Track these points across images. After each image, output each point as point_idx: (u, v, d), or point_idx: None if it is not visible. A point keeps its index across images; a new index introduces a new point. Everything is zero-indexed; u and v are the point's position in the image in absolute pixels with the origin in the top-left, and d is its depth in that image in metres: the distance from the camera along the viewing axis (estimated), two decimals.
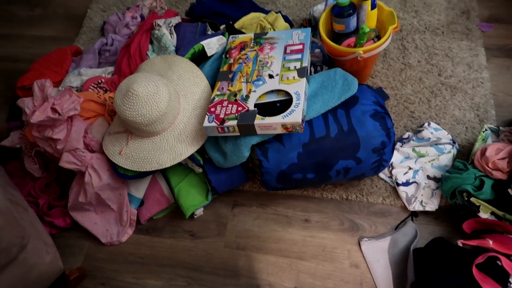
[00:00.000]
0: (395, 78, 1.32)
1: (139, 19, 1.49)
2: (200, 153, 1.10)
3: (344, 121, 1.01)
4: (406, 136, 1.18)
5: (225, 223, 1.16)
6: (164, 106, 1.00)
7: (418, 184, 1.10)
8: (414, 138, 1.16)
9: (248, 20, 1.33)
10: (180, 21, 1.37)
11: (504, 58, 1.33)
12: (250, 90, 1.03)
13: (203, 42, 1.20)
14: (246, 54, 1.13)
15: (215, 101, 1.04)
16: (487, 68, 1.31)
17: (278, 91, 1.02)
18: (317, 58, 1.23)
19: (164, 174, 1.18)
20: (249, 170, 1.11)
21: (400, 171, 1.13)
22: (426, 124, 1.18)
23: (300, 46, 1.10)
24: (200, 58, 1.22)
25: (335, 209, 1.14)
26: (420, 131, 1.15)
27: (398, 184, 1.11)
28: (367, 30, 1.06)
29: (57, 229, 1.19)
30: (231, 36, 1.21)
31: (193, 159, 1.08)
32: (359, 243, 1.08)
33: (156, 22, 1.34)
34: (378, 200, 1.13)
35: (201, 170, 1.11)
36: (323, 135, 1.00)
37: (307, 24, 1.42)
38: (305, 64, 1.05)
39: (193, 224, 1.18)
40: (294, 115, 0.94)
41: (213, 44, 1.21)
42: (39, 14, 1.85)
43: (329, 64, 1.26)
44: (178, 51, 1.23)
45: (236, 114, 0.98)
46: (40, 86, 1.16)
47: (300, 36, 1.14)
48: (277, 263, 1.08)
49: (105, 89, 1.26)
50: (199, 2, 1.37)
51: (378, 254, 1.06)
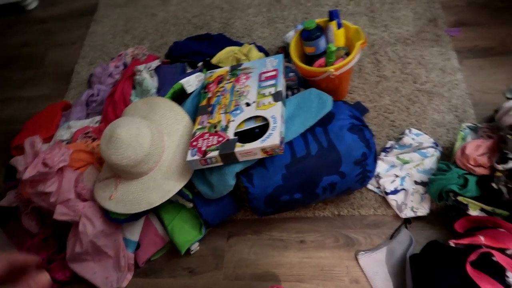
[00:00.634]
0: (372, 91, 1.35)
1: (122, 68, 1.55)
2: (189, 188, 1.12)
3: (323, 138, 1.03)
4: (388, 145, 1.20)
5: (222, 255, 1.17)
6: (147, 146, 1.03)
7: (406, 190, 1.11)
8: (396, 146, 1.17)
9: (224, 54, 1.38)
10: (159, 64, 1.43)
11: (475, 59, 1.37)
12: (229, 120, 1.07)
13: (182, 81, 1.25)
14: (224, 87, 1.18)
15: (197, 135, 1.07)
16: (460, 70, 1.34)
17: (256, 118, 1.05)
18: (292, 81, 1.27)
19: (157, 214, 1.20)
20: (238, 198, 1.13)
21: (387, 180, 1.14)
22: (407, 131, 1.20)
23: (273, 72, 1.15)
24: (182, 96, 1.27)
25: (329, 226, 1.14)
26: (401, 138, 1.17)
27: (387, 193, 1.12)
28: (334, 49, 1.11)
29: (57, 283, 1.20)
30: (209, 71, 1.26)
31: (182, 195, 1.10)
32: (356, 258, 1.07)
33: (137, 68, 1.40)
34: (370, 211, 1.13)
35: (192, 205, 1.13)
36: (304, 154, 1.02)
37: (282, 51, 1.47)
38: (279, 88, 1.08)
39: (190, 260, 1.18)
40: (272, 138, 0.97)
41: (192, 81, 1.26)
42: (31, 75, 1.93)
43: (305, 86, 1.29)
44: (159, 92, 1.28)
45: (217, 145, 1.01)
46: (30, 143, 1.20)
47: (273, 63, 1.18)
48: None
49: (93, 138, 1.30)
50: (177, 44, 1.44)
51: (377, 267, 1.05)
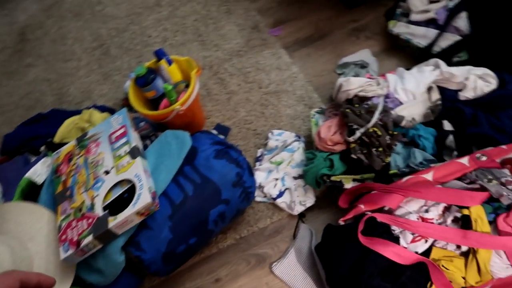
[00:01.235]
0: (227, 108, 1.38)
1: None
2: (78, 284, 1.00)
3: (194, 175, 1.02)
4: (259, 154, 1.24)
5: None
6: (8, 264, 0.89)
7: (289, 189, 1.16)
8: (265, 152, 1.22)
9: (65, 129, 1.28)
10: None
11: (302, 49, 1.49)
12: (93, 196, 0.98)
13: (28, 174, 1.12)
14: (76, 163, 1.08)
15: (63, 226, 0.96)
16: (293, 63, 1.45)
17: (120, 183, 0.99)
18: (146, 130, 1.23)
19: None
20: (136, 269, 1.05)
21: (270, 187, 1.17)
22: (269, 134, 1.26)
23: (122, 130, 1.09)
24: (34, 190, 1.13)
25: (236, 252, 1.13)
26: (267, 143, 1.22)
27: (274, 198, 1.16)
28: (170, 87, 1.10)
29: None
30: (54, 153, 1.15)
31: None
32: (272, 271, 1.08)
33: None
34: (267, 222, 1.15)
35: None
36: (182, 199, 0.99)
37: (126, 102, 1.42)
38: (133, 144, 1.04)
39: None
40: (142, 198, 0.92)
41: (39, 170, 1.14)
42: None
43: (162, 129, 1.27)
44: (5, 197, 1.13)
45: (89, 229, 0.92)
46: None
47: (118, 120, 1.13)
48: None
49: None
50: (8, 136, 1.29)
51: (292, 270, 1.07)
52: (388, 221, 0.91)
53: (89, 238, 0.90)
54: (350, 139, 1.01)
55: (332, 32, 1.50)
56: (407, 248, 0.90)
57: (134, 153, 1.01)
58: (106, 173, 1.01)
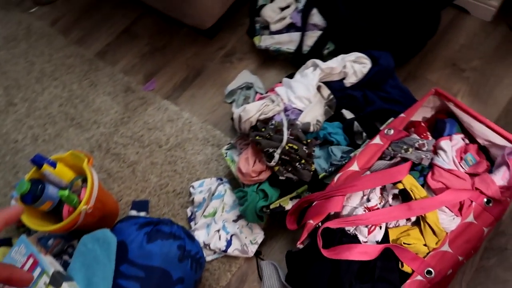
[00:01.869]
0: (136, 181, 1.28)
1: None
2: None
3: (134, 271, 0.91)
4: (189, 214, 1.17)
5: None
6: None
7: (235, 234, 1.11)
8: (195, 209, 1.15)
9: None
10: None
11: (184, 93, 1.45)
12: None
13: None
14: None
15: None
16: (182, 109, 1.40)
17: None
18: (58, 245, 1.07)
19: None
20: None
21: (215, 241, 1.11)
22: (190, 189, 1.19)
23: (31, 260, 0.93)
24: None
25: None
26: (193, 199, 1.16)
27: (225, 250, 1.09)
28: (66, 193, 0.98)
29: None
30: None
31: None
32: None
33: None
34: (228, 276, 1.09)
35: None
36: None
37: (20, 223, 1.23)
38: (51, 270, 0.89)
39: None
40: None
41: None
42: None
43: (76, 236, 1.12)
44: None
45: None
46: None
47: (21, 251, 0.96)
48: None
49: None
50: None
51: None
52: (340, 225, 0.92)
53: None
54: (272, 164, 1.00)
55: (205, 66, 1.49)
56: (367, 241, 0.92)
57: (56, 280, 0.87)
58: None
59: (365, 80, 1.12)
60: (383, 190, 0.96)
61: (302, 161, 1.00)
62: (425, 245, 0.90)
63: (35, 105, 1.52)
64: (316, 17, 1.29)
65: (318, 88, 1.12)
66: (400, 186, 0.91)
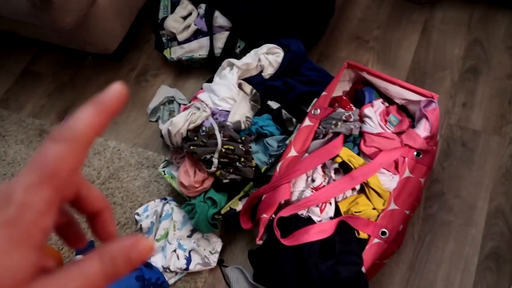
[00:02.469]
0: None
1: None
2: None
3: None
4: None
5: None
6: None
7: (192, 249, 1.07)
8: (147, 234, 1.10)
9: None
10: None
11: None
12: None
13: None
14: None
15: None
16: (107, 139, 1.33)
17: None
18: None
19: None
20: None
21: (174, 261, 1.06)
22: (136, 217, 1.14)
23: None
24: None
25: None
26: (141, 226, 1.10)
27: (186, 268, 1.06)
28: None
29: None
30: None
31: None
32: None
33: None
34: None
35: None
36: None
37: None
38: None
39: None
40: None
41: None
42: None
43: None
44: None
45: None
46: None
47: None
48: None
49: None
50: None
51: None
52: (292, 211, 0.93)
53: None
54: (212, 169, 0.99)
55: None
56: (321, 220, 0.94)
57: None
58: None
59: (281, 68, 1.15)
60: (325, 167, 0.99)
61: (241, 159, 1.00)
62: (374, 208, 0.94)
63: None
64: (220, 19, 1.30)
65: (240, 85, 1.13)
66: (338, 160, 0.95)
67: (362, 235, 0.93)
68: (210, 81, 1.21)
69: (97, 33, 1.29)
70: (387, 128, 1.00)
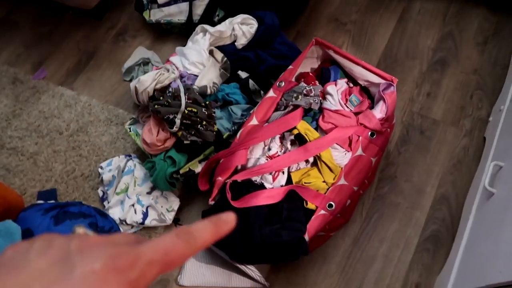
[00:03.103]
0: (39, 172, 1.22)
1: None
2: None
3: None
4: (101, 194, 1.15)
5: None
6: None
7: (150, 205, 1.11)
8: (106, 188, 1.13)
9: None
10: None
11: (79, 77, 1.39)
12: None
13: None
14: None
15: None
16: (79, 93, 1.35)
17: None
18: None
19: None
20: None
21: (131, 215, 1.10)
22: (99, 169, 1.17)
23: None
24: None
25: None
26: (102, 181, 1.14)
27: (142, 222, 1.10)
28: None
29: None
30: None
31: None
32: (181, 285, 1.05)
33: None
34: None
35: None
36: None
37: None
38: None
39: None
40: None
41: None
42: None
43: None
44: None
45: None
46: None
47: None
48: None
49: None
50: None
51: (197, 271, 1.06)
52: (246, 176, 0.97)
53: None
54: (174, 129, 1.02)
55: (98, 47, 1.44)
56: (273, 187, 0.98)
57: None
58: None
59: (254, 40, 1.17)
60: (282, 138, 1.03)
61: (204, 122, 1.03)
62: (324, 182, 0.99)
63: None
64: None
65: (211, 52, 1.15)
66: (295, 132, 0.99)
67: (310, 206, 0.97)
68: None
69: None
70: (347, 107, 1.04)
